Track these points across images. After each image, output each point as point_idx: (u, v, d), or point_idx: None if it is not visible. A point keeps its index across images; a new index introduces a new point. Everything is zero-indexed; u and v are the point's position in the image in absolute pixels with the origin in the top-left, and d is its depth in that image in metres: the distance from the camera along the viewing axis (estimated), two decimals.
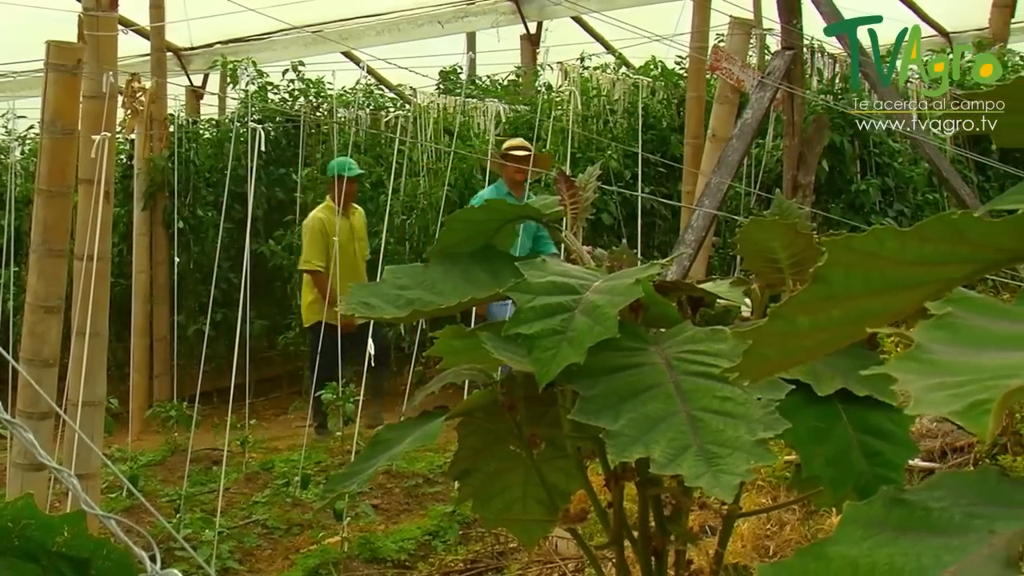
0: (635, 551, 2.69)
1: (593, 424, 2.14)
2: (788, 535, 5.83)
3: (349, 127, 12.57)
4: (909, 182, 11.54)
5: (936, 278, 1.25)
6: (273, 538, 7.74)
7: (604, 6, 12.80)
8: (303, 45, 14.34)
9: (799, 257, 2.54)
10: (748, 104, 7.54)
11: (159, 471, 9.54)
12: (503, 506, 2.99)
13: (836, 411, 2.40)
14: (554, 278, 2.38)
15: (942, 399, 1.01)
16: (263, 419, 11.43)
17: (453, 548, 7.21)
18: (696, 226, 6.99)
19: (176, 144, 12.43)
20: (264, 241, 12.60)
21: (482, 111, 12.68)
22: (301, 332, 12.47)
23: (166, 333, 12.15)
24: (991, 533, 1.07)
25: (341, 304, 2.64)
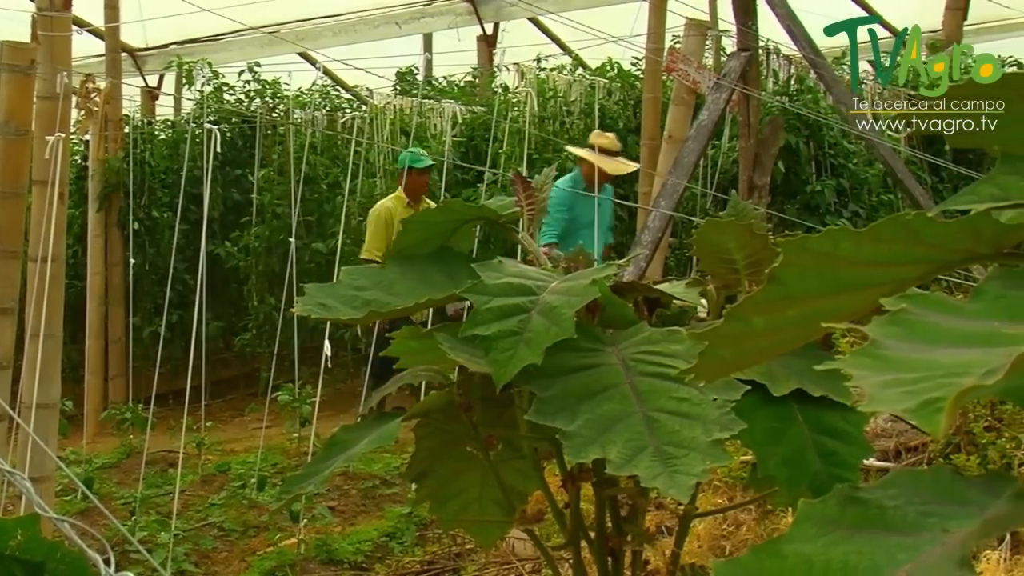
0: (592, 551, 2.69)
1: (550, 425, 2.15)
2: (744, 535, 5.86)
3: (305, 128, 12.52)
4: (864, 183, 11.59)
5: (890, 278, 1.26)
6: (229, 540, 7.71)
7: (560, 7, 12.80)
8: (259, 46, 14.28)
9: (755, 258, 2.54)
10: (704, 105, 7.57)
11: (114, 474, 9.49)
12: (460, 507, 3.00)
13: (791, 411, 2.41)
14: (511, 279, 2.38)
15: (895, 396, 1.01)
16: (219, 421, 11.38)
17: (410, 549, 7.20)
18: (652, 227, 7.01)
19: (131, 145, 12.36)
20: (220, 242, 12.56)
21: (438, 112, 12.67)
22: (258, 333, 12.43)
23: (121, 335, 12.08)
24: (945, 532, 1.08)
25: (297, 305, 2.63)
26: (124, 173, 12.14)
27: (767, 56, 10.79)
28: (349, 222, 11.20)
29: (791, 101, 10.98)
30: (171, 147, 13.22)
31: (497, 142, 11.19)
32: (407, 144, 11.57)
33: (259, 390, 11.65)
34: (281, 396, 9.28)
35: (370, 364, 9.24)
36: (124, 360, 11.96)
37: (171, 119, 14.56)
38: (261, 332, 12.42)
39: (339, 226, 9.65)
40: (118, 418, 10.15)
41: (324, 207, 12.80)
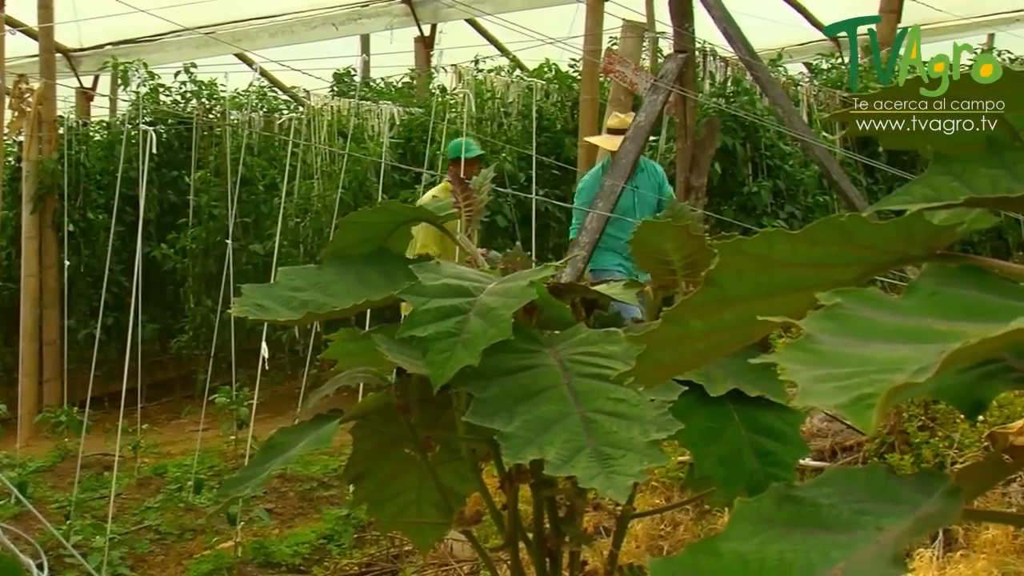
0: (530, 553, 2.69)
1: (488, 426, 2.14)
2: (682, 535, 5.88)
3: (242, 129, 12.47)
4: (800, 184, 11.67)
5: (825, 280, 1.27)
6: (166, 544, 7.66)
7: (498, 9, 12.83)
8: (195, 47, 14.20)
9: (692, 259, 2.55)
10: (641, 107, 7.59)
11: (49, 477, 9.40)
12: (398, 509, 2.99)
13: (728, 411, 2.42)
14: (448, 280, 2.38)
15: (828, 391, 1.02)
16: (156, 424, 11.30)
17: (348, 551, 7.19)
18: (590, 228, 7.02)
19: (66, 146, 12.26)
20: (156, 244, 12.49)
21: (376, 113, 12.64)
22: (194, 336, 12.36)
23: (56, 337, 11.97)
24: (878, 530, 1.09)
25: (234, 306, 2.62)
26: (59, 174, 12.04)
27: (704, 58, 10.85)
28: (286, 224, 11.16)
29: (728, 103, 11.03)
30: (106, 148, 13.13)
31: (435, 143, 11.18)
32: (344, 145, 11.55)
33: (196, 392, 11.59)
34: (218, 398, 9.23)
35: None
36: (59, 363, 11.85)
37: (106, 120, 14.48)
38: (198, 334, 12.35)
39: (276, 228, 9.60)
40: (53, 421, 10.06)
41: (261, 209, 12.75)
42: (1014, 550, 5.26)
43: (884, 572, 1.03)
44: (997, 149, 1.51)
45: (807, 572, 1.05)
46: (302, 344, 11.22)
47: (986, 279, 1.23)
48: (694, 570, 1.09)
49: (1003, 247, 13.74)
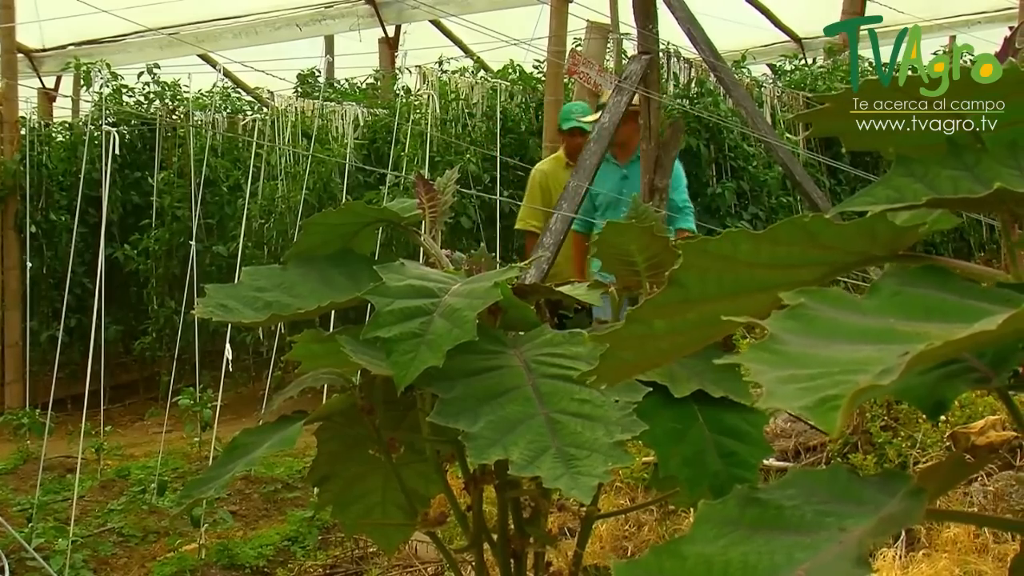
0: (494, 554, 2.70)
1: (452, 426, 2.15)
2: (646, 536, 5.89)
3: (206, 130, 12.43)
4: (763, 185, 11.71)
5: (789, 281, 1.27)
6: (129, 546, 7.63)
7: (462, 10, 12.84)
8: (158, 47, 14.15)
9: (656, 260, 2.56)
10: (605, 108, 7.59)
11: (10, 480, 9.35)
12: (363, 511, 2.99)
13: (692, 412, 2.43)
14: (412, 281, 2.38)
15: (793, 392, 1.03)
16: (119, 426, 11.25)
17: (312, 553, 7.17)
18: (554, 229, 7.03)
19: (28, 147, 12.19)
20: (119, 246, 12.43)
21: (340, 114, 12.62)
22: (158, 337, 12.30)
23: (18, 339, 11.90)
24: (842, 531, 1.10)
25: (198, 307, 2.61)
26: (20, 175, 11.97)
27: (668, 59, 10.87)
28: (250, 225, 11.14)
29: (692, 104, 11.06)
30: (69, 149, 13.06)
31: (399, 144, 11.18)
32: (308, 147, 11.52)
33: (159, 394, 11.55)
34: (182, 400, 9.19)
35: None
36: (21, 365, 11.78)
37: (69, 121, 14.39)
38: (161, 336, 12.30)
39: (240, 229, 9.57)
40: (15, 423, 10.00)
41: (225, 210, 12.70)
42: (975, 549, 5.30)
43: (848, 572, 1.04)
44: (959, 151, 1.52)
45: (771, 574, 1.05)
46: (266, 346, 11.20)
47: (948, 279, 1.23)
48: (658, 572, 1.09)
49: (965, 248, 13.83)
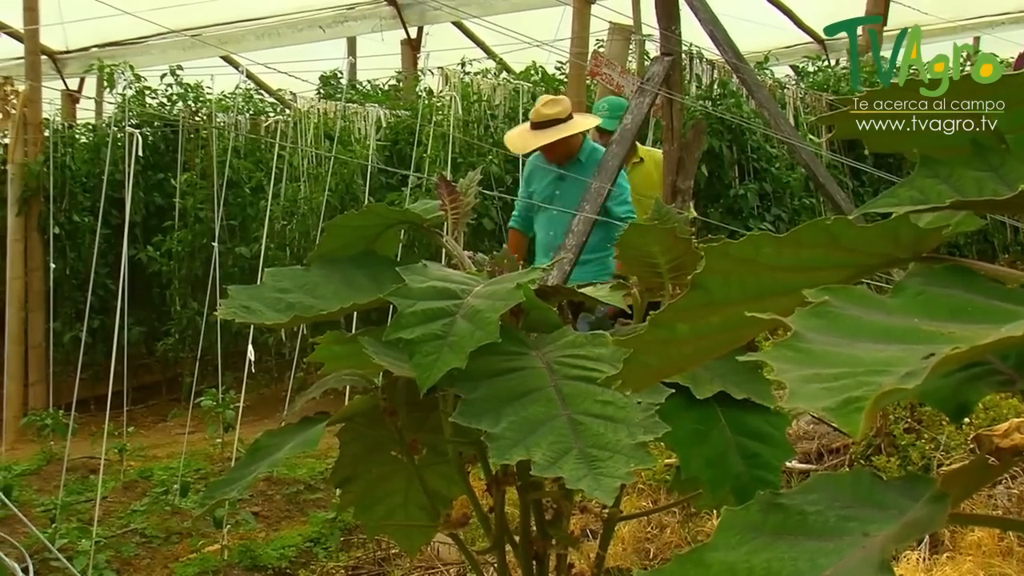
0: (516, 556, 2.70)
1: (475, 427, 2.15)
2: (668, 537, 5.88)
3: (228, 132, 12.45)
4: (786, 187, 11.69)
5: (811, 283, 1.26)
6: (152, 547, 7.64)
7: (484, 11, 12.84)
8: (182, 49, 14.19)
9: (678, 262, 2.56)
10: (627, 109, 7.59)
11: (34, 481, 9.37)
12: (385, 512, 2.99)
13: (715, 414, 2.43)
14: (435, 283, 2.38)
15: (816, 392, 1.02)
16: (142, 427, 11.27)
17: (335, 555, 7.17)
18: (577, 231, 7.02)
19: (51, 149, 12.22)
20: (142, 247, 12.46)
21: (363, 116, 12.62)
22: (180, 339, 12.33)
23: (41, 340, 11.93)
24: (865, 536, 1.09)
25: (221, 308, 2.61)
26: (44, 177, 11.99)
27: (690, 61, 10.86)
28: (273, 226, 11.14)
29: (714, 105, 11.04)
30: (92, 151, 13.09)
31: (421, 146, 11.18)
32: (331, 148, 11.53)
33: (182, 395, 11.57)
34: (204, 401, 9.21)
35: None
36: (44, 366, 11.81)
37: (92, 123, 14.42)
38: (184, 337, 12.32)
39: (263, 230, 9.59)
40: (38, 424, 10.03)
41: (247, 211, 12.72)
42: (1000, 552, 5.28)
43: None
44: (983, 152, 1.51)
45: None
46: (288, 347, 11.21)
47: (973, 280, 1.23)
48: None
49: (989, 250, 13.79)
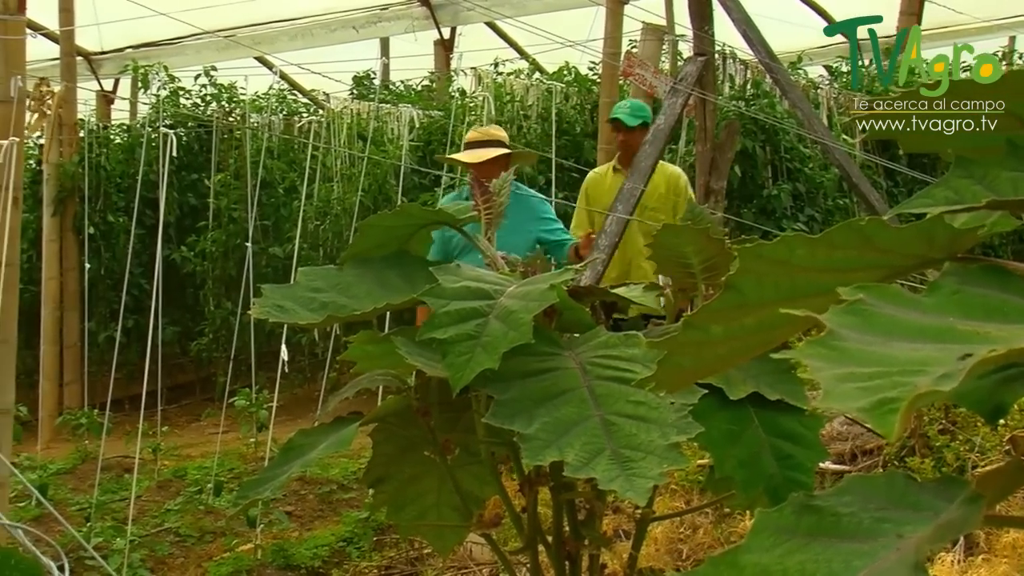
0: (549, 556, 2.69)
1: (507, 428, 2.15)
2: (701, 538, 5.87)
3: (262, 132, 12.49)
4: (820, 187, 11.66)
5: (845, 284, 1.25)
6: (185, 546, 7.68)
7: (517, 12, 12.84)
8: (215, 50, 14.24)
9: (711, 262, 2.55)
10: (660, 110, 7.58)
11: (69, 479, 9.43)
12: (418, 512, 2.99)
13: (748, 414, 2.43)
14: (468, 283, 2.38)
15: (850, 392, 1.01)
16: (175, 426, 11.34)
17: (367, 554, 7.19)
18: (610, 231, 7.02)
19: (86, 149, 12.30)
20: (176, 247, 12.52)
21: (396, 116, 12.64)
22: (214, 338, 12.38)
23: (76, 340, 12.00)
24: (899, 537, 1.09)
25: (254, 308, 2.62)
26: (79, 177, 12.07)
27: (723, 61, 10.81)
28: (306, 226, 11.18)
29: (747, 106, 11.01)
30: (127, 151, 13.16)
31: (454, 146, 11.18)
32: (364, 148, 11.55)
33: (215, 395, 11.64)
34: (238, 401, 9.26)
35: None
36: (79, 365, 11.88)
37: (127, 123, 14.51)
38: (217, 337, 12.37)
39: (296, 230, 9.62)
40: (73, 423, 10.09)
41: (281, 211, 12.76)
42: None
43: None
44: (1019, 151, 1.51)
45: None
46: (321, 347, 11.24)
47: (1008, 280, 1.22)
48: None
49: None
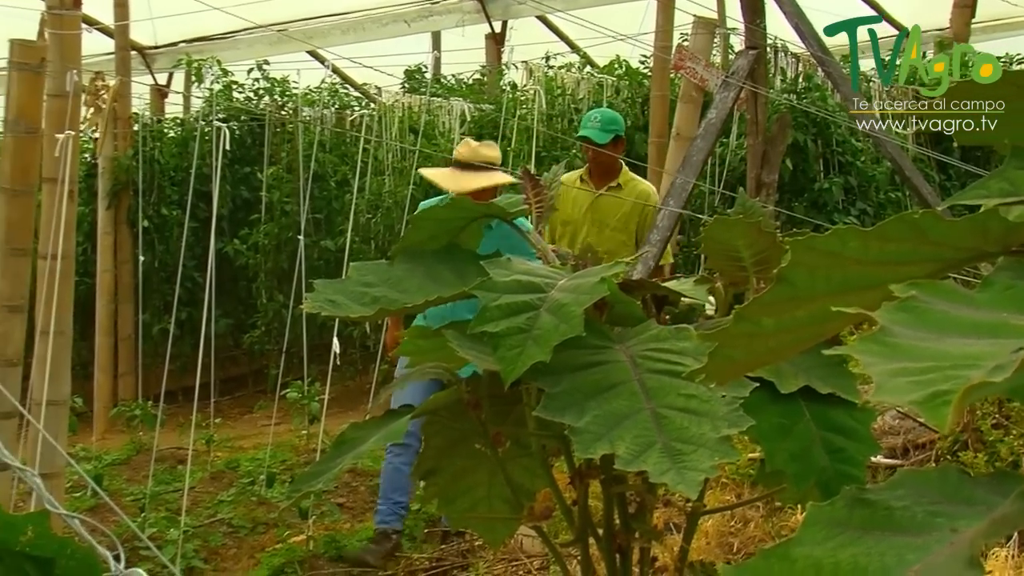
0: (600, 548, 2.70)
1: (558, 420, 2.15)
2: (752, 532, 5.86)
3: (314, 126, 12.54)
4: (871, 181, 11.59)
5: (898, 277, 1.25)
6: (238, 537, 7.73)
7: (569, 5, 12.81)
8: (268, 44, 14.30)
9: (763, 256, 2.55)
10: (712, 103, 7.56)
11: (124, 470, 9.51)
12: (469, 505, 3.00)
13: (799, 408, 2.43)
14: (519, 277, 2.39)
15: (904, 386, 1.01)
16: (228, 418, 11.42)
17: (419, 546, 7.21)
18: (661, 225, 7.01)
19: (140, 143, 12.38)
20: (229, 240, 12.59)
21: (447, 110, 12.66)
22: (266, 331, 12.45)
23: (130, 332, 12.09)
24: (953, 531, 1.09)
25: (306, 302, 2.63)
26: (133, 171, 12.15)
27: (775, 54, 10.77)
28: (357, 220, 11.22)
29: (799, 99, 10.97)
30: (180, 145, 13.24)
31: (505, 140, 11.20)
32: (415, 142, 11.57)
33: (268, 387, 11.70)
34: (290, 393, 9.31)
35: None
36: (133, 357, 11.97)
37: (180, 117, 14.58)
38: (270, 329, 12.44)
39: (347, 224, 9.65)
40: (127, 415, 10.18)
41: (333, 205, 12.82)
42: None
43: (960, 574, 1.03)
44: None
45: (882, 575, 1.05)
46: (373, 340, 11.27)
47: None
48: (767, 575, 1.09)
49: None
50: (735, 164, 10.91)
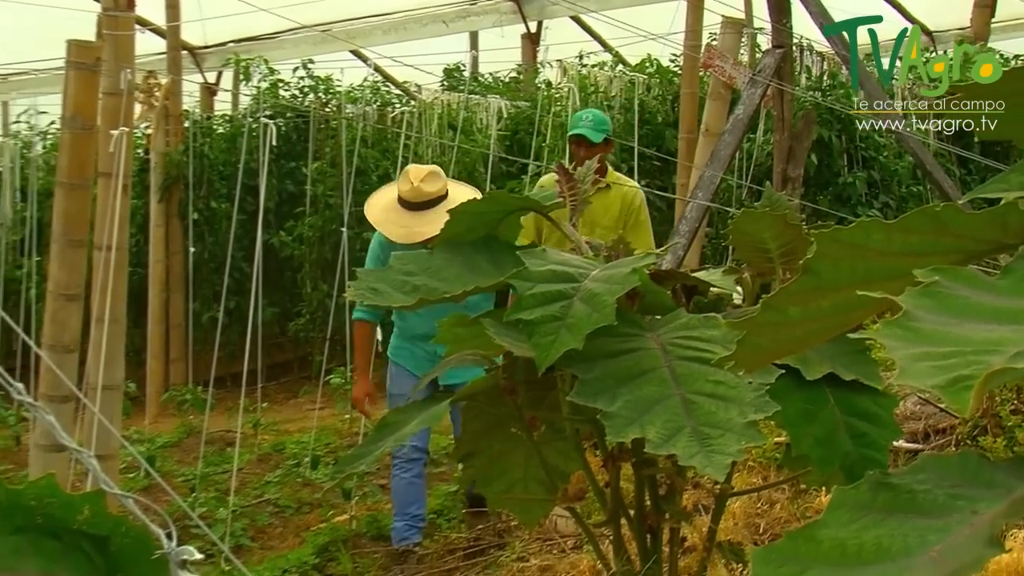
0: (631, 529, 2.77)
1: (591, 406, 2.22)
2: (778, 513, 5.88)
3: (357, 122, 12.59)
4: (894, 175, 11.61)
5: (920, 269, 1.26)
6: (284, 516, 7.82)
7: (602, 6, 12.83)
8: (312, 44, 14.36)
9: (789, 247, 2.60)
10: (740, 100, 7.60)
11: (175, 452, 9.61)
12: (505, 486, 3.06)
13: (824, 394, 2.48)
14: (554, 267, 2.45)
15: (926, 370, 1.05)
16: (274, 403, 11.50)
17: (457, 526, 7.28)
18: (690, 217, 7.06)
19: (191, 139, 12.48)
20: (275, 232, 12.65)
21: (484, 107, 12.71)
22: (311, 319, 12.52)
23: (181, 320, 12.20)
24: (973, 513, 1.13)
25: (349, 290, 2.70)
26: (184, 165, 12.25)
27: (800, 53, 10.77)
28: None
29: (824, 96, 10.98)
30: (229, 141, 13.31)
31: (540, 136, 11.25)
32: (454, 138, 11.63)
33: (312, 373, 11.75)
34: (333, 379, 9.42)
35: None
36: (184, 344, 12.08)
37: (229, 114, 14.68)
38: (314, 318, 12.49)
39: None
40: (178, 399, 10.32)
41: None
42: None
43: (980, 553, 1.06)
44: None
45: (904, 555, 1.08)
46: None
47: None
48: (794, 556, 1.13)
49: None
50: (762, 159, 10.93)
